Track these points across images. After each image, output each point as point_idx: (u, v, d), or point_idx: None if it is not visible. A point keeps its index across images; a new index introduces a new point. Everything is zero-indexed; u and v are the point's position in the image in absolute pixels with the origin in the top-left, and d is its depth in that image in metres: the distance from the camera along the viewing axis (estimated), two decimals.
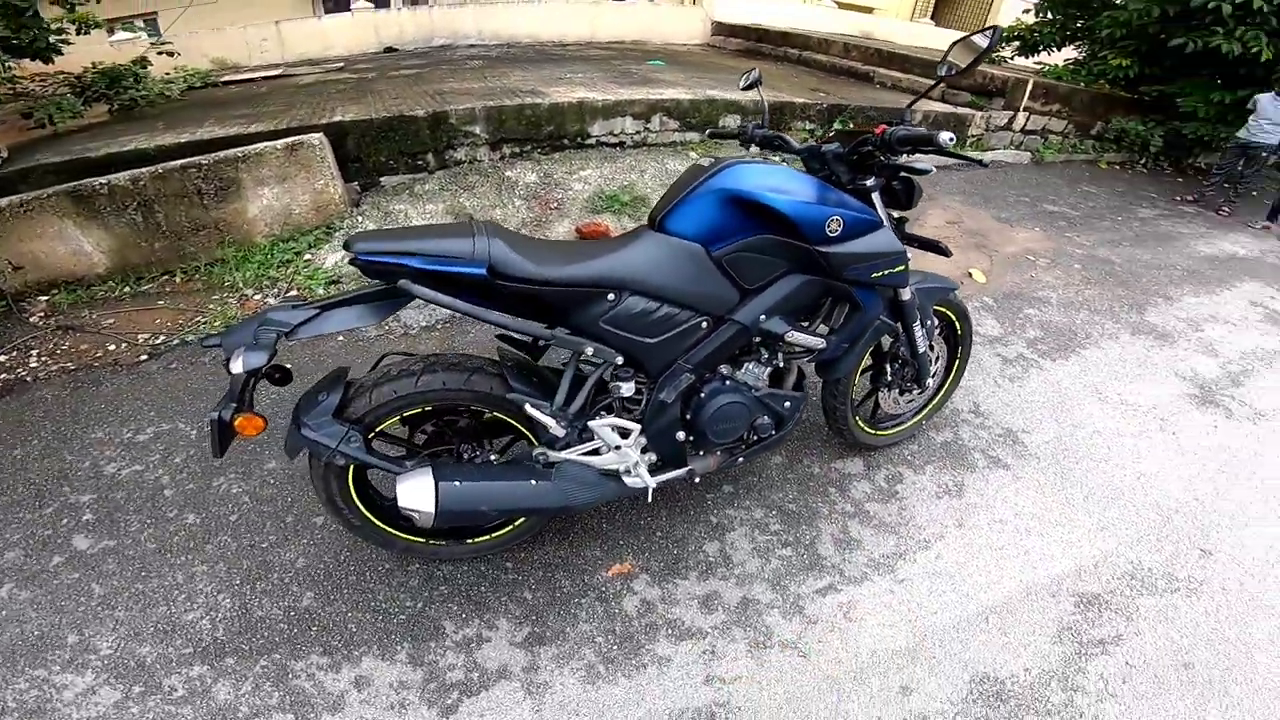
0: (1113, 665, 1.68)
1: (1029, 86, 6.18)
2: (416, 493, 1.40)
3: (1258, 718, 1.58)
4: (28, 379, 2.61)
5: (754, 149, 1.87)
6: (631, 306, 1.42)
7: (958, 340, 2.25)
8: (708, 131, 2.08)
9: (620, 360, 1.46)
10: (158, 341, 2.83)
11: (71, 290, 3.14)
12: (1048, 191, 5.53)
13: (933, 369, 2.14)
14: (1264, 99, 5.27)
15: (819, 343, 1.69)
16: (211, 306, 3.06)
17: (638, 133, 4.49)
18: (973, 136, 6.08)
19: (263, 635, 1.64)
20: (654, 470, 1.67)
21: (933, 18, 14.26)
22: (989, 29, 1.54)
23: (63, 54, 4.36)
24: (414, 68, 6.27)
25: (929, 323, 1.98)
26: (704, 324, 1.51)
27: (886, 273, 1.63)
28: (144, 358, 2.72)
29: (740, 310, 1.54)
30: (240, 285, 3.21)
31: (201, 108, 4.83)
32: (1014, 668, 1.65)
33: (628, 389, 1.50)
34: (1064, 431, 2.51)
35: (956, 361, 2.31)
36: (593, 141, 4.43)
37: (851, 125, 5.18)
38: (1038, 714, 1.55)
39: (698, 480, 1.73)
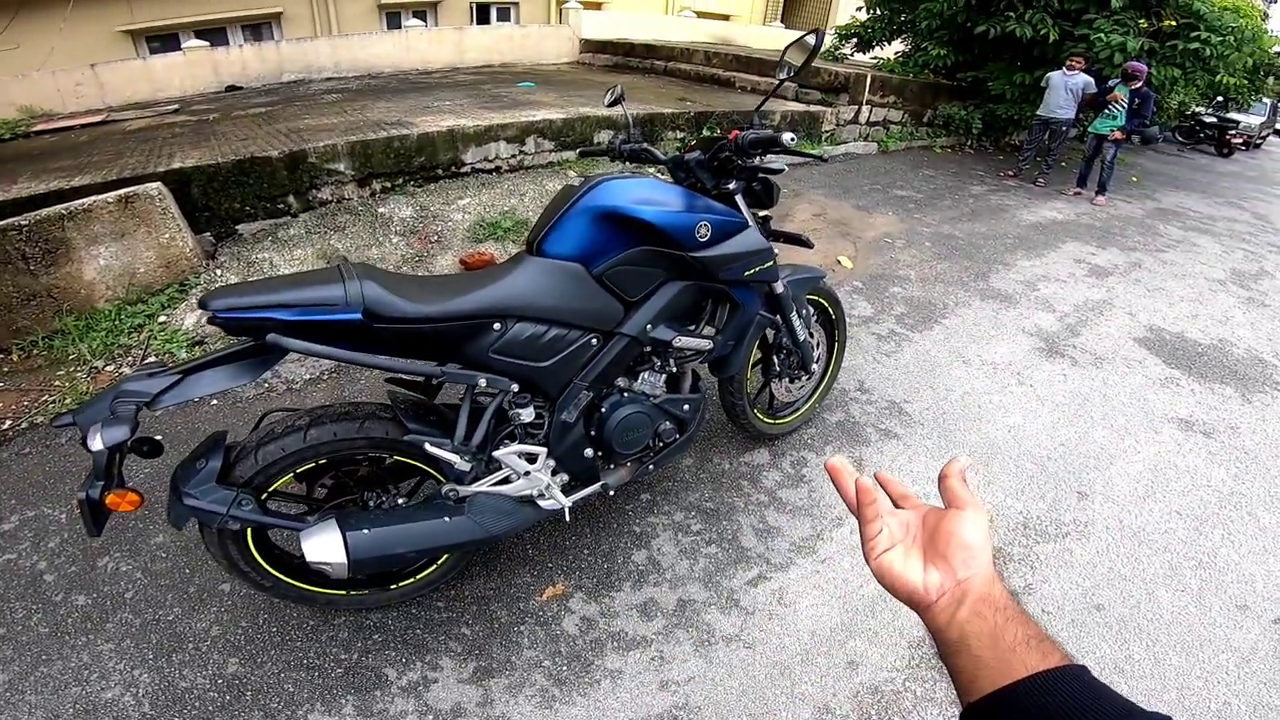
0: (1031, 613, 1.82)
1: (868, 81, 6.78)
2: (324, 546, 1.33)
3: (1180, 652, 1.74)
4: None
5: (623, 163, 1.93)
6: (519, 333, 1.41)
7: (833, 325, 2.42)
8: (579, 150, 2.13)
9: (516, 388, 1.46)
10: (3, 427, 2.49)
11: None
12: (895, 178, 6.09)
13: (815, 354, 2.29)
14: (1055, 76, 6.08)
15: (706, 344, 1.76)
16: (58, 383, 2.71)
17: (513, 156, 4.47)
18: (826, 132, 6.56)
19: (194, 706, 1.53)
20: (568, 489, 1.68)
21: (782, 20, 15.29)
22: (813, 31, 1.68)
23: None
24: (262, 106, 5.88)
25: (804, 311, 2.12)
26: (594, 341, 1.54)
27: (758, 269, 1.73)
28: None
29: (627, 323, 1.57)
30: (87, 357, 2.86)
31: (12, 161, 4.27)
32: None
33: (528, 415, 1.50)
34: (939, 397, 2.76)
35: (835, 344, 2.48)
36: (468, 169, 4.35)
37: (718, 131, 5.45)
38: None
39: (612, 493, 1.75)
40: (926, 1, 7.11)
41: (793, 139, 1.51)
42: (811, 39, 1.67)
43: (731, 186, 1.70)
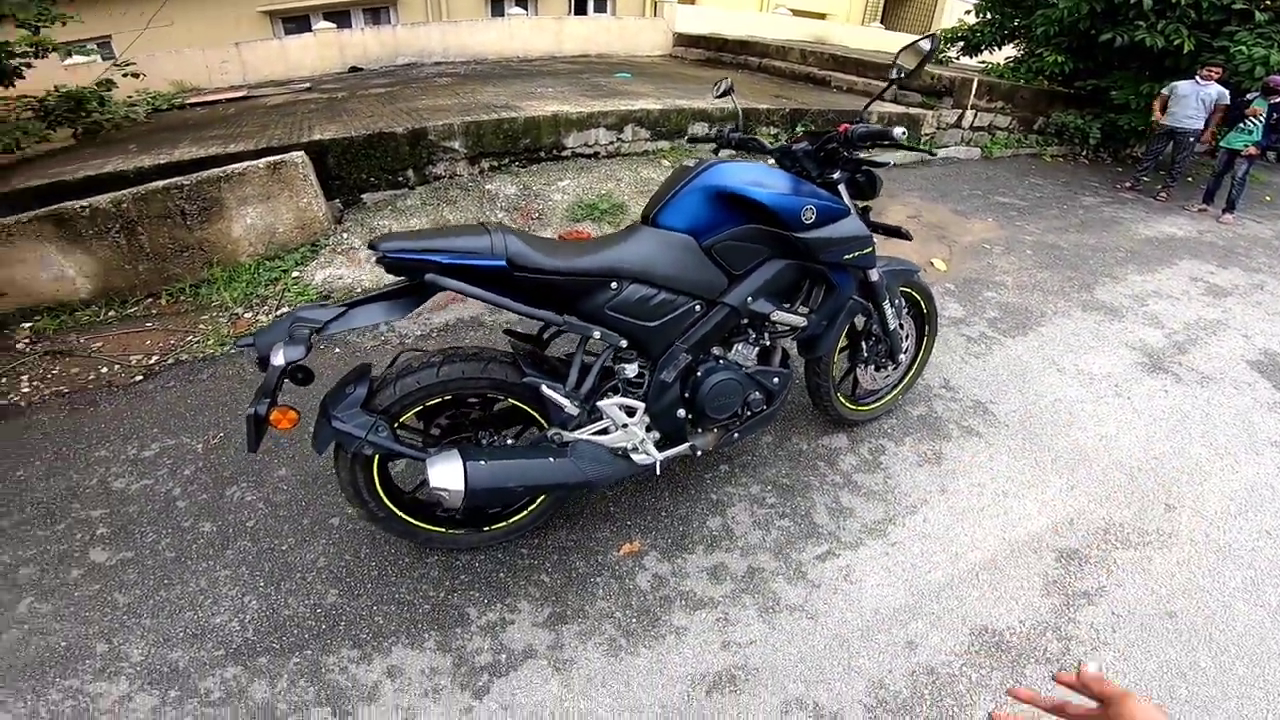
0: (1101, 615, 1.81)
1: (974, 85, 6.53)
2: (446, 473, 1.50)
3: (1247, 663, 1.71)
4: (21, 404, 2.60)
5: (728, 151, 2.04)
6: (632, 294, 1.55)
7: (924, 319, 2.45)
8: (687, 137, 2.24)
9: (624, 343, 1.59)
10: (151, 362, 2.84)
11: (55, 316, 3.13)
12: (998, 185, 5.86)
13: (904, 345, 2.32)
14: (1184, 85, 5.66)
15: (801, 321, 1.85)
16: (202, 326, 3.08)
17: (611, 143, 4.64)
18: (925, 135, 6.39)
19: (292, 633, 1.69)
20: (658, 448, 1.80)
21: (882, 21, 14.81)
22: (930, 35, 1.73)
23: (24, 77, 4.33)
24: (383, 86, 6.34)
25: (897, 302, 2.17)
26: (697, 308, 1.66)
27: (856, 255, 1.81)
28: (139, 378, 2.73)
29: (730, 294, 1.69)
30: (229, 304, 3.23)
31: (171, 130, 4.82)
32: (1010, 620, 1.78)
33: (631, 370, 1.64)
34: (1028, 401, 2.71)
35: (924, 339, 2.50)
36: (568, 153, 4.57)
37: (814, 127, 5.43)
38: (1038, 662, 1.67)
39: (699, 454, 1.86)
40: (1045, 8, 6.76)
41: (903, 133, 1.58)
42: (926, 44, 1.72)
43: (836, 176, 1.78)
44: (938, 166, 6.14)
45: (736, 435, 1.93)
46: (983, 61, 8.60)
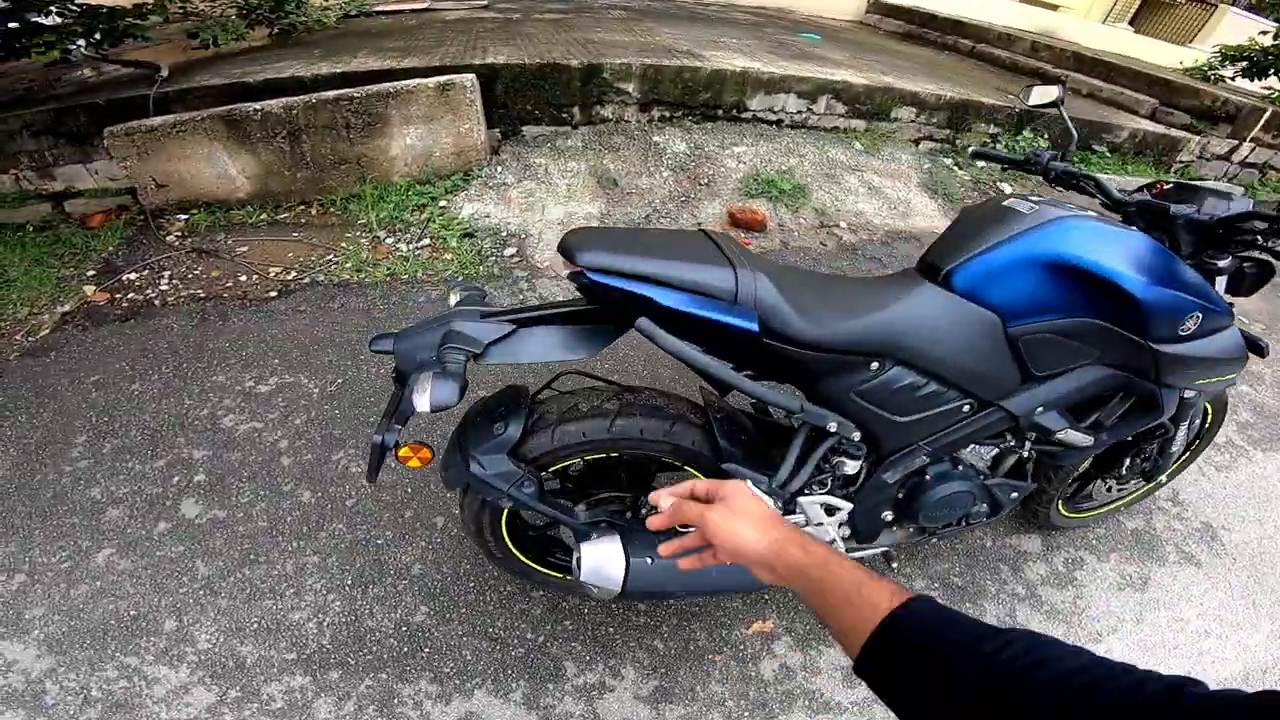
0: None
1: (1266, 115, 5.31)
2: (604, 566, 1.18)
3: None
4: (156, 302, 2.57)
5: (1029, 183, 1.52)
6: (894, 379, 1.14)
7: (1200, 434, 1.87)
8: (971, 150, 1.68)
9: (858, 436, 1.20)
10: (289, 278, 2.74)
11: (210, 212, 3.12)
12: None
13: (1170, 466, 1.77)
14: None
15: (1087, 441, 1.36)
16: (344, 245, 2.97)
17: (799, 112, 4.10)
18: (1180, 163, 5.32)
19: (371, 650, 1.51)
20: (847, 546, 1.43)
21: (1131, 23, 12.46)
22: (1060, 82, 1.30)
23: None
24: (557, 12, 6.01)
25: (1195, 421, 1.62)
26: (966, 407, 1.22)
27: (1215, 380, 1.29)
28: (273, 294, 2.63)
29: (1015, 398, 1.24)
30: (374, 226, 3.12)
31: (356, 37, 4.75)
32: None
33: (851, 468, 1.25)
34: (1266, 532, 2.16)
35: (1188, 454, 1.92)
36: (749, 116, 4.07)
37: (1046, 140, 4.57)
38: None
39: (894, 563, 1.48)
40: None
41: None
42: (1055, 91, 1.54)
43: (1222, 264, 1.24)
44: None
45: (935, 538, 1.52)
46: (1267, 88, 7.04)
